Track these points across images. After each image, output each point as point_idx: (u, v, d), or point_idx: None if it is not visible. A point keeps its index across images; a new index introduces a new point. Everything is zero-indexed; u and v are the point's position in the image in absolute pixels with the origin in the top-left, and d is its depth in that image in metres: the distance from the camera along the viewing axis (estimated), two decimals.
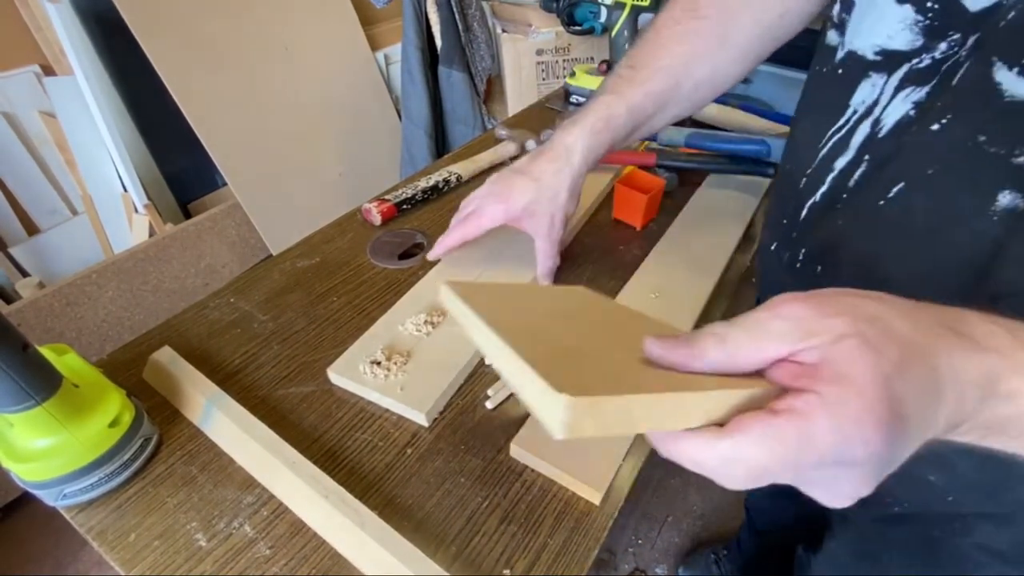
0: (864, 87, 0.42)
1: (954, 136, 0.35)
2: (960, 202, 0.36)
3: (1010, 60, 0.32)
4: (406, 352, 0.54)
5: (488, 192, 0.59)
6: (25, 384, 0.37)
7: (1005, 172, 0.33)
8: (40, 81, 1.39)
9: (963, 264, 0.37)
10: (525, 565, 0.41)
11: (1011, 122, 0.32)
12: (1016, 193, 0.33)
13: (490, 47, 1.72)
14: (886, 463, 0.24)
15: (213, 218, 1.60)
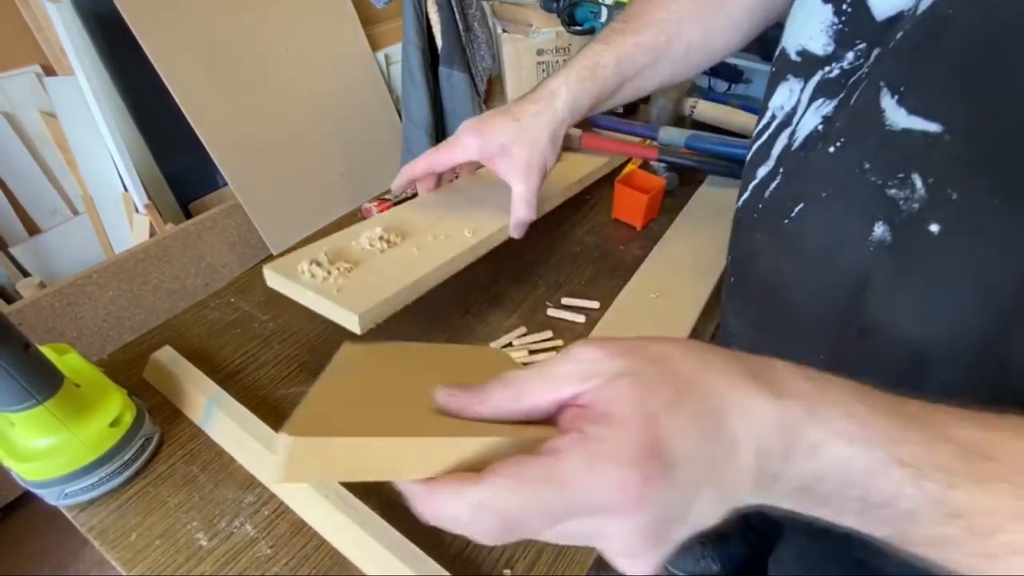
0: (782, 90, 0.41)
1: (846, 160, 0.34)
2: (847, 227, 0.34)
3: (892, 86, 0.31)
4: (354, 261, 0.51)
5: (465, 127, 0.56)
6: (26, 384, 0.37)
7: (879, 202, 0.32)
8: (41, 81, 1.39)
9: (843, 291, 0.36)
10: (525, 565, 0.41)
11: (888, 152, 0.31)
12: (886, 226, 0.32)
13: (491, 47, 1.72)
14: (662, 514, 0.21)
15: (214, 218, 1.60)
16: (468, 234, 0.56)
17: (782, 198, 0.40)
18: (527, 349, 0.56)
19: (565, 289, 0.64)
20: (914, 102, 0.30)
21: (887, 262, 0.33)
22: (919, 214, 0.30)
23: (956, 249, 0.29)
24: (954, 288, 0.30)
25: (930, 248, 0.30)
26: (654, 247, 0.69)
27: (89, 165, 1.48)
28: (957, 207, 0.29)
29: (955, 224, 0.29)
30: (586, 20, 1.10)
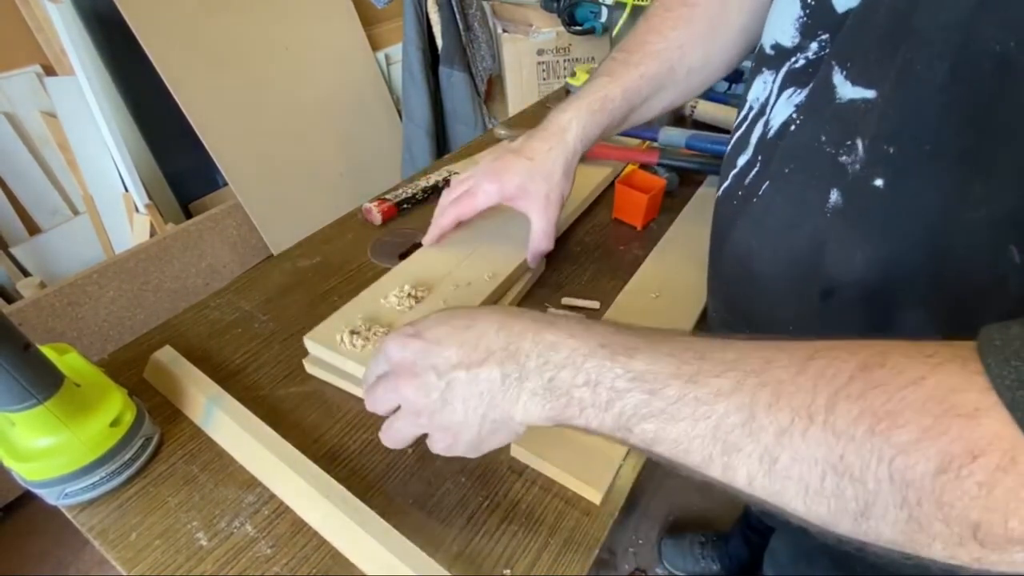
0: (758, 82, 0.43)
1: (805, 136, 0.36)
2: (807, 199, 0.37)
3: (841, 63, 0.34)
4: (387, 324, 0.53)
5: (482, 172, 0.58)
6: (27, 383, 0.37)
7: (834, 171, 0.35)
8: (41, 81, 1.40)
9: (804, 258, 0.38)
10: (526, 565, 0.41)
11: (839, 123, 0.34)
12: (838, 191, 0.35)
13: (491, 47, 1.72)
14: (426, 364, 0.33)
15: (214, 218, 1.60)
16: (488, 278, 0.59)
17: (755, 180, 0.42)
18: None
19: (565, 289, 0.64)
20: (855, 74, 0.33)
21: (840, 224, 0.35)
22: (862, 172, 0.33)
23: (899, 197, 0.32)
24: (902, 234, 0.33)
25: (877, 202, 0.33)
26: (654, 247, 0.69)
27: (89, 165, 1.48)
28: (894, 160, 0.32)
29: (894, 175, 0.32)
30: (586, 20, 1.10)
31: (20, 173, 1.40)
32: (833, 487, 0.23)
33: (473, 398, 0.33)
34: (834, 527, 0.24)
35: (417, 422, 0.35)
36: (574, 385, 0.30)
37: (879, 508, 0.23)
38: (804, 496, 0.24)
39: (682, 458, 0.28)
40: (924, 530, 0.22)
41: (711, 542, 1.23)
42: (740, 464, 0.26)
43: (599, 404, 0.29)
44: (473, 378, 0.32)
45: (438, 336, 0.34)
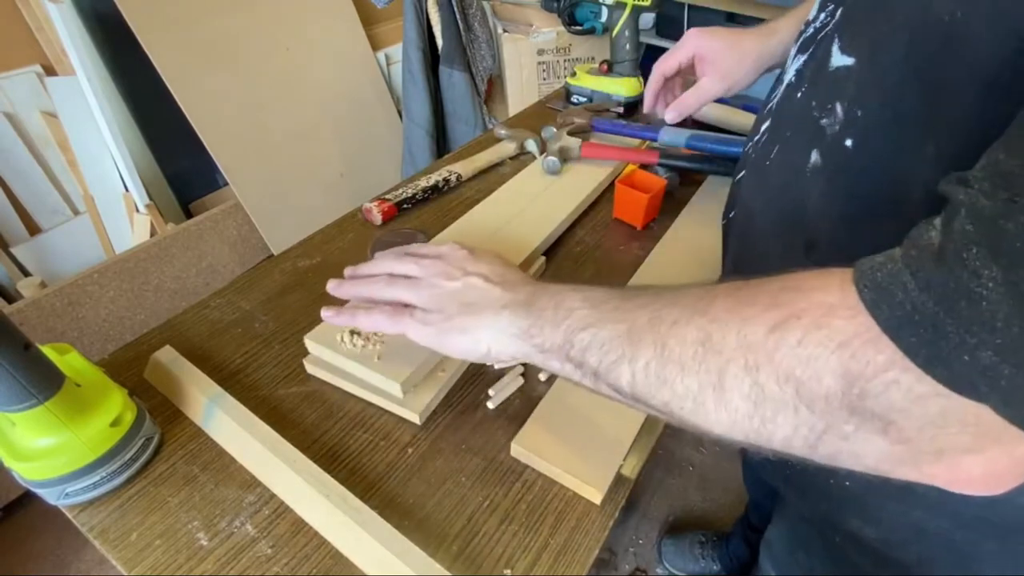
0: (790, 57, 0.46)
1: (804, 102, 0.39)
2: (797, 160, 0.39)
3: (840, 37, 0.36)
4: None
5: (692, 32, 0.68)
6: (27, 383, 0.37)
7: (816, 132, 0.37)
8: (42, 81, 1.40)
9: (792, 216, 0.40)
10: (526, 565, 0.41)
11: (827, 89, 0.36)
12: (818, 152, 0.37)
13: (491, 47, 1.72)
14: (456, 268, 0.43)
15: (214, 218, 1.60)
16: None
17: (766, 145, 0.44)
18: None
19: None
20: (844, 44, 0.35)
21: (820, 182, 0.37)
22: (838, 134, 0.35)
23: (864, 157, 0.34)
24: (867, 192, 0.34)
25: (847, 162, 0.35)
26: (654, 247, 0.69)
27: (90, 165, 1.48)
28: (862, 121, 0.33)
29: (862, 136, 0.34)
30: (586, 20, 1.10)
31: (21, 173, 1.40)
32: (700, 360, 0.28)
33: (471, 299, 0.41)
34: (702, 405, 0.28)
35: (421, 292, 0.42)
36: (544, 308, 0.37)
37: (730, 376, 0.27)
38: (682, 374, 0.29)
39: (603, 360, 0.33)
40: (765, 396, 0.26)
41: (711, 542, 1.23)
42: (641, 354, 0.31)
43: (556, 320, 0.36)
44: (483, 287, 0.41)
45: (487, 254, 0.45)
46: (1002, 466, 0.23)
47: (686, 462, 1.45)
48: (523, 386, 0.53)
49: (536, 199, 0.73)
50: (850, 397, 0.23)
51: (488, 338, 0.39)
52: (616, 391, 0.33)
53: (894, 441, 0.23)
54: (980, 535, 0.37)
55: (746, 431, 0.27)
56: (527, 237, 0.66)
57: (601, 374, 0.33)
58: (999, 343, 0.19)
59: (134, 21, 1.36)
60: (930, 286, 0.21)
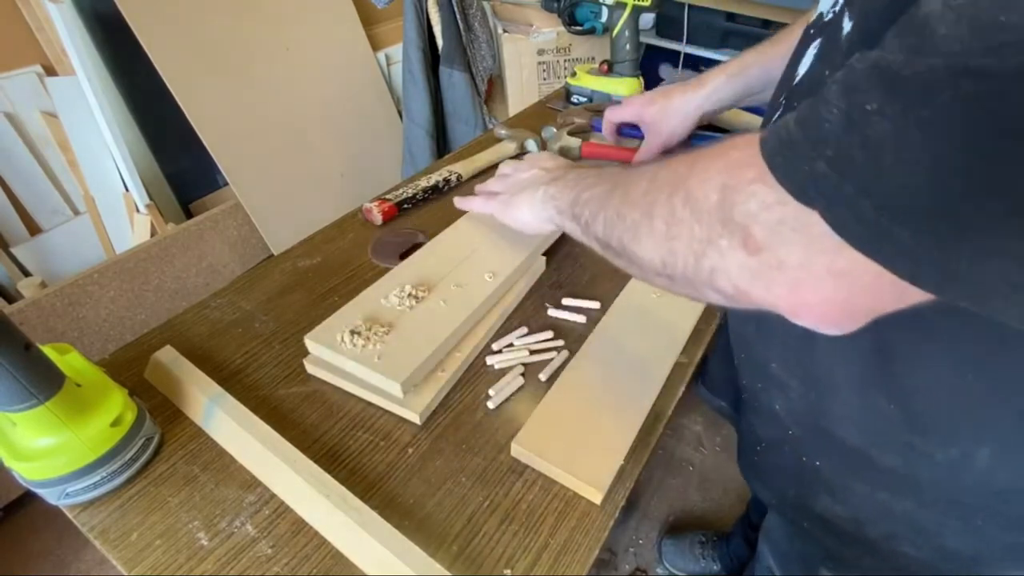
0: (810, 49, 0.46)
1: (817, 78, 0.40)
2: None
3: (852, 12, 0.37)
4: (387, 324, 0.53)
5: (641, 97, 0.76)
6: (28, 383, 0.37)
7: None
8: (42, 81, 1.40)
9: None
10: (526, 565, 0.41)
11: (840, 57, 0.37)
12: None
13: (491, 47, 1.72)
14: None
15: (214, 218, 1.60)
16: (488, 278, 0.59)
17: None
18: (528, 349, 0.56)
19: (566, 289, 0.64)
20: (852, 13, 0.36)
21: None
22: None
23: None
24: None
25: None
26: None
27: (90, 165, 1.48)
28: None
29: None
30: (586, 20, 1.10)
31: (21, 173, 1.40)
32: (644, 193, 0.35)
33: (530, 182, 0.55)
34: (638, 231, 0.35)
35: (504, 183, 0.60)
36: (568, 178, 0.49)
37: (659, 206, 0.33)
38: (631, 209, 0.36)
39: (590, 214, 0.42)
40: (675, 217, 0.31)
41: (711, 542, 1.23)
42: (611, 203, 0.39)
43: (572, 185, 0.47)
44: (540, 175, 0.56)
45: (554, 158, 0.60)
46: (828, 288, 0.26)
47: (686, 462, 1.45)
48: (523, 386, 0.53)
49: None
50: (723, 208, 0.28)
51: (528, 204, 0.53)
52: (596, 240, 0.42)
53: (751, 252, 0.27)
54: (943, 514, 0.39)
55: (662, 254, 0.33)
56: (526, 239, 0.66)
57: (588, 224, 0.42)
58: (830, 155, 0.23)
59: (134, 21, 1.36)
60: (799, 118, 0.26)
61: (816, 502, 0.46)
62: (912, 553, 0.43)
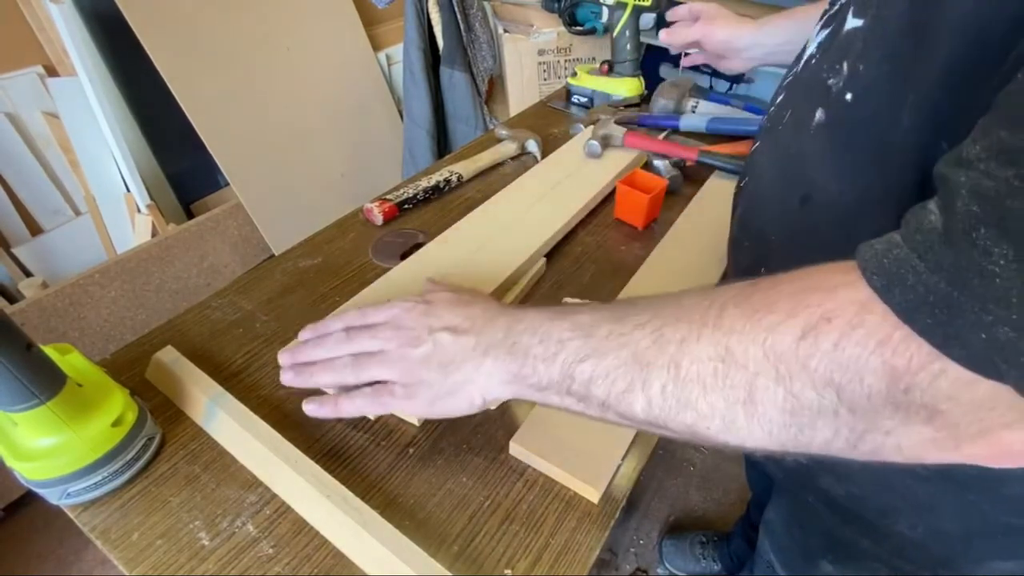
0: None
1: (818, 69, 0.39)
2: (804, 119, 0.39)
3: (855, 6, 0.36)
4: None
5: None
6: (29, 383, 0.37)
7: (822, 92, 0.37)
8: (43, 82, 1.40)
9: (794, 168, 0.41)
10: (527, 565, 0.41)
11: (838, 51, 0.37)
12: (823, 110, 0.37)
13: (492, 47, 1.72)
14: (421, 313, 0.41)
15: (215, 218, 1.61)
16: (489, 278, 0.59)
17: (778, 111, 0.45)
18: None
19: (566, 289, 0.64)
20: (856, 9, 0.35)
21: (821, 137, 0.37)
22: (841, 89, 0.35)
23: (861, 110, 0.34)
24: (860, 145, 0.35)
25: (846, 114, 0.35)
26: (655, 247, 0.69)
27: (91, 165, 1.48)
28: (863, 77, 0.34)
29: (862, 90, 0.34)
30: (587, 20, 1.10)
31: (22, 173, 1.41)
32: (723, 377, 0.27)
33: (446, 357, 0.39)
34: (732, 422, 0.27)
35: (391, 368, 0.41)
36: (530, 344, 0.36)
37: (760, 389, 0.26)
38: (703, 394, 0.27)
39: (612, 389, 0.31)
40: (801, 405, 0.25)
41: (712, 542, 1.23)
42: (654, 378, 0.29)
43: (548, 356, 0.34)
44: (453, 341, 0.39)
45: (441, 301, 0.42)
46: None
47: (686, 462, 1.44)
48: None
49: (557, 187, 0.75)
50: (895, 393, 0.23)
51: (478, 391, 0.38)
52: (626, 418, 0.32)
53: (939, 428, 0.23)
54: (940, 490, 0.39)
55: (783, 441, 0.26)
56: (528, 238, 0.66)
57: (611, 404, 0.32)
58: (1015, 319, 0.19)
59: (135, 21, 1.36)
60: (941, 267, 0.21)
61: (819, 480, 0.46)
62: (907, 533, 0.43)
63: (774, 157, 0.45)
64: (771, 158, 0.45)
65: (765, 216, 0.46)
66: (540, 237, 0.66)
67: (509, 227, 0.67)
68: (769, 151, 0.46)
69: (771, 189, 0.45)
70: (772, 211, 0.45)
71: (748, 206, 0.50)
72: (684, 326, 0.29)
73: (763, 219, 0.46)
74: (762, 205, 0.47)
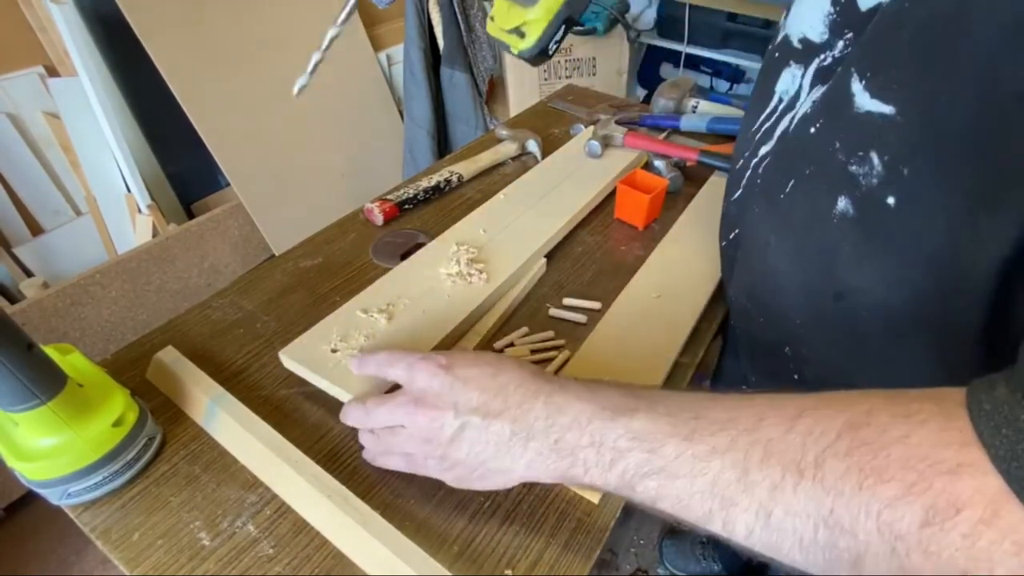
0: (786, 76, 0.43)
1: (823, 139, 0.37)
2: (820, 202, 0.37)
3: (860, 72, 0.33)
4: (369, 335, 0.52)
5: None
6: (30, 383, 0.37)
7: (842, 178, 0.35)
8: (44, 82, 1.40)
9: (817, 259, 0.39)
10: (527, 565, 0.41)
11: (855, 133, 0.34)
12: (848, 200, 0.35)
13: (492, 47, 1.72)
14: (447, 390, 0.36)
15: (216, 218, 1.61)
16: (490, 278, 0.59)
17: (776, 174, 0.43)
18: (529, 349, 0.56)
19: (567, 289, 0.64)
20: (875, 87, 0.32)
21: (854, 233, 0.35)
22: (878, 188, 0.33)
23: (909, 220, 0.32)
24: (910, 256, 0.33)
25: (888, 219, 0.33)
26: (656, 247, 0.69)
27: (92, 166, 1.48)
28: (909, 183, 0.32)
29: (907, 197, 0.32)
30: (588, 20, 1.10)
31: (23, 174, 1.41)
32: (826, 539, 0.24)
33: (479, 444, 0.36)
34: (834, 571, 0.25)
35: (420, 448, 0.38)
36: (579, 446, 0.32)
37: (870, 559, 0.24)
38: (799, 548, 0.25)
39: (684, 513, 0.29)
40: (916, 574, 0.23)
41: (712, 542, 1.23)
42: (738, 518, 0.27)
43: (603, 464, 0.32)
44: (486, 427, 0.35)
45: (467, 376, 0.37)
46: None
47: None
48: None
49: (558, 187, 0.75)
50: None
51: (518, 477, 0.36)
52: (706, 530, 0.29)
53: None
54: None
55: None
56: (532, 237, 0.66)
57: (681, 520, 0.30)
58: None
59: (136, 22, 1.36)
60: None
61: None
62: None
63: (784, 233, 0.42)
64: (781, 233, 0.42)
65: (785, 300, 0.43)
66: (541, 238, 0.66)
67: (510, 227, 0.67)
68: (773, 220, 0.43)
69: (789, 272, 0.42)
70: (794, 297, 0.42)
71: (757, 281, 0.47)
72: (774, 470, 0.26)
73: (782, 302, 0.44)
74: (779, 288, 0.44)
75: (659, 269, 0.65)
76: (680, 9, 1.79)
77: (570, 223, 0.71)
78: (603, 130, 0.84)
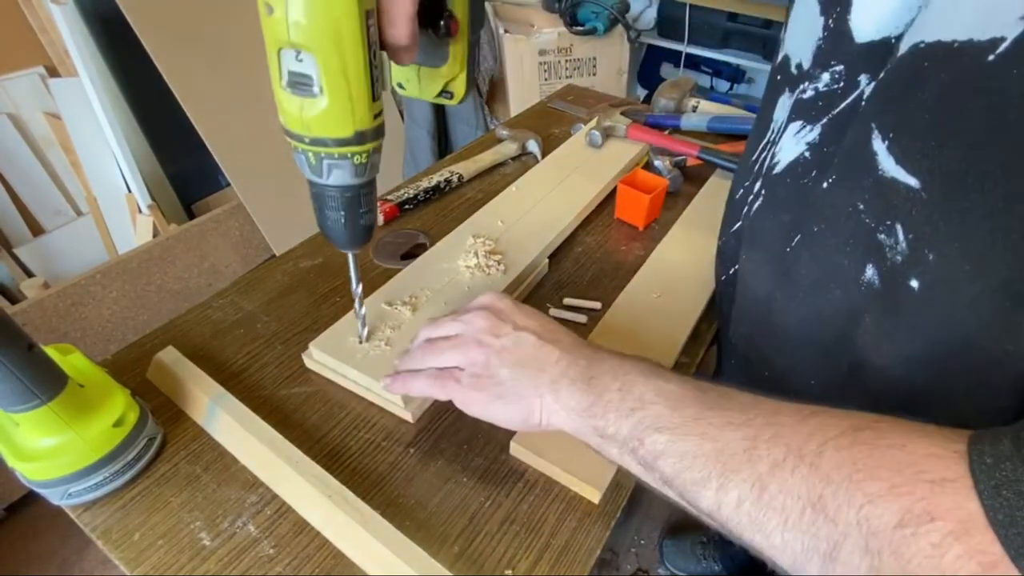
0: (781, 101, 0.40)
1: (840, 198, 0.34)
2: (838, 265, 0.36)
3: (883, 130, 0.30)
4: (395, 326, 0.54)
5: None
6: (30, 384, 0.37)
7: (870, 245, 0.33)
8: (45, 82, 1.40)
9: (834, 324, 0.38)
10: (527, 565, 0.41)
11: (880, 197, 0.32)
12: (875, 270, 0.33)
13: (492, 47, 1.72)
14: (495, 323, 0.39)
15: (217, 219, 1.61)
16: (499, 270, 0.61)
17: (772, 223, 0.41)
18: None
19: (567, 289, 0.64)
20: (899, 152, 0.30)
21: (876, 306, 0.34)
22: (902, 267, 0.32)
23: (933, 306, 0.31)
24: (934, 341, 0.32)
25: (911, 302, 0.32)
26: (656, 247, 0.69)
27: (93, 166, 1.48)
28: (934, 268, 0.30)
29: (932, 283, 0.31)
30: (588, 20, 1.10)
31: (23, 174, 1.41)
32: (809, 523, 0.25)
33: (526, 358, 0.38)
34: (802, 567, 0.26)
35: (466, 353, 0.39)
36: (608, 388, 0.34)
37: (846, 552, 0.24)
38: (783, 527, 0.26)
39: (682, 473, 0.30)
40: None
41: (712, 542, 1.23)
42: (734, 486, 0.28)
43: (623, 410, 0.33)
44: (539, 346, 0.38)
45: (529, 311, 0.41)
46: None
47: None
48: None
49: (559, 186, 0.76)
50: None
51: (542, 410, 0.36)
52: (688, 504, 0.30)
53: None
54: None
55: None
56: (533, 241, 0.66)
57: (676, 485, 0.30)
58: None
59: (137, 22, 1.36)
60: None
61: None
62: None
63: (793, 290, 0.40)
64: (788, 289, 0.40)
65: (791, 357, 0.42)
66: (555, 228, 0.67)
67: (524, 219, 0.68)
68: (779, 282, 0.41)
69: (800, 337, 0.41)
70: (803, 357, 0.41)
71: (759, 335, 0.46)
72: (780, 450, 0.27)
73: (788, 359, 0.43)
74: (785, 347, 0.43)
75: (659, 269, 0.65)
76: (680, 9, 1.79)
77: (574, 222, 0.71)
78: (606, 121, 0.84)
